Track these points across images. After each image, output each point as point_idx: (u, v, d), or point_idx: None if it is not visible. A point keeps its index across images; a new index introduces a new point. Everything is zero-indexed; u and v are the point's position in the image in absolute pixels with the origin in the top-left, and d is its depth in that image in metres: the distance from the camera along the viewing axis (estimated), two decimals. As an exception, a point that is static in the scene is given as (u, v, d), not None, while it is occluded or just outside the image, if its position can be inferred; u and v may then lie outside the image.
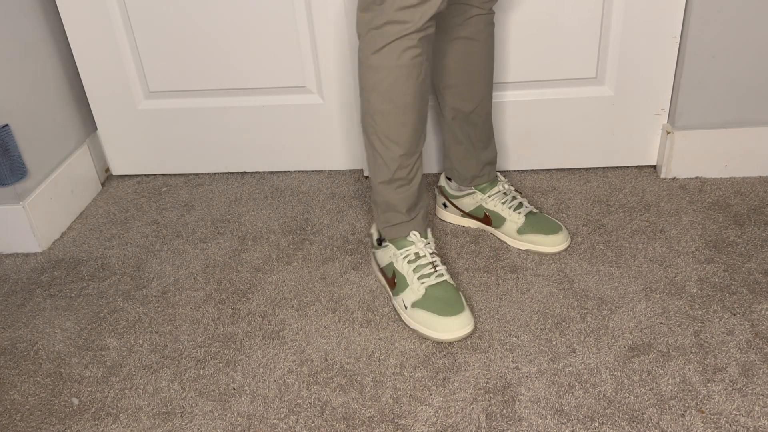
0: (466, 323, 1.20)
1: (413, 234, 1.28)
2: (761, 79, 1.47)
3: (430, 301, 1.22)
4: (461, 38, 1.27)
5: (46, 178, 1.58)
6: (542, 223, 1.40)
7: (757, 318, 1.21)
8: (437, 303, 1.21)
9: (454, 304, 1.21)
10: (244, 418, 1.12)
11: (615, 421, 1.06)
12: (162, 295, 1.39)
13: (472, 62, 1.30)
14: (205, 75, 1.65)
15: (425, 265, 1.26)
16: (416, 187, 1.26)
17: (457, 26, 1.26)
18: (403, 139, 1.20)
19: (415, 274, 1.25)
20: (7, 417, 1.16)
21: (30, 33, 1.56)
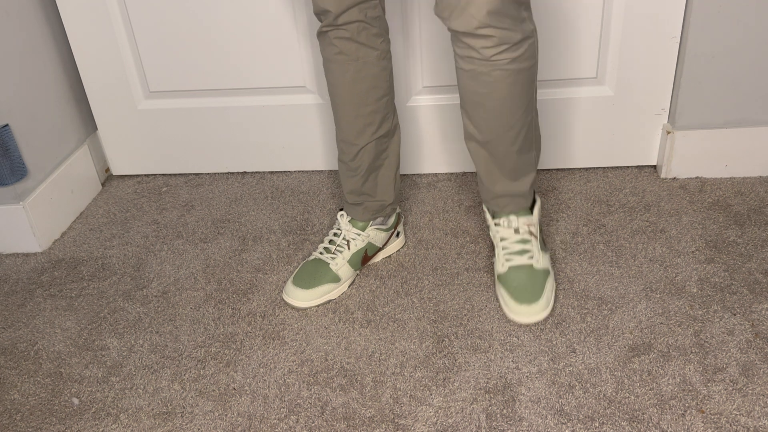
0: (310, 296, 1.31)
1: (340, 213, 1.38)
2: (761, 79, 1.47)
3: (298, 270, 1.36)
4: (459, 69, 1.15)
5: (46, 178, 1.58)
6: (522, 285, 1.24)
7: (758, 318, 1.21)
8: (300, 274, 1.34)
9: (307, 278, 1.32)
10: (244, 418, 1.12)
11: (615, 421, 1.06)
12: (162, 295, 1.39)
13: (481, 102, 1.16)
14: (205, 75, 1.65)
15: (324, 241, 1.38)
16: (360, 179, 1.32)
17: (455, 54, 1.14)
18: (341, 124, 1.28)
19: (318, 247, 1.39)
20: (7, 417, 1.16)
21: (30, 33, 1.56)
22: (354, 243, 1.35)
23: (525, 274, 1.25)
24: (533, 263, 1.26)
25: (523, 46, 1.07)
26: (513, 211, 1.28)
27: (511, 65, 1.08)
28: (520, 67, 1.09)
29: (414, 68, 1.56)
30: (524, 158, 1.22)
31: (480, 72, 1.09)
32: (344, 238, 1.35)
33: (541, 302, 1.23)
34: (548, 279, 1.27)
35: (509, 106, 1.13)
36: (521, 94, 1.12)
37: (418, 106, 1.60)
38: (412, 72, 1.57)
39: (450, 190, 1.62)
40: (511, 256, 1.27)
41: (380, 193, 1.35)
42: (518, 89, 1.11)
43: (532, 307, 1.23)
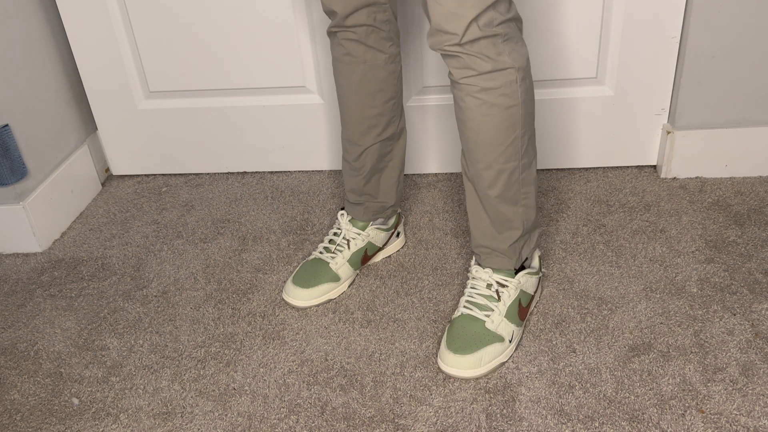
0: (310, 296, 1.32)
1: (341, 213, 1.38)
2: (761, 79, 1.47)
3: (297, 270, 1.36)
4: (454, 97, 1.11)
5: (46, 178, 1.58)
6: (461, 334, 1.16)
7: (758, 318, 1.21)
8: (299, 273, 1.34)
9: (306, 278, 1.33)
10: (244, 418, 1.12)
11: (615, 421, 1.06)
12: (162, 295, 1.39)
13: (462, 129, 1.12)
14: (205, 75, 1.65)
15: (325, 241, 1.39)
16: (363, 179, 1.31)
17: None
18: (346, 124, 1.28)
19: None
20: (7, 417, 1.16)
21: (30, 33, 1.56)
22: (354, 242, 1.35)
23: (471, 326, 1.16)
24: (486, 322, 1.16)
25: (496, 79, 1.03)
26: (492, 266, 1.19)
27: (483, 95, 1.04)
28: (495, 102, 1.04)
29: (414, 68, 1.56)
30: (506, 209, 1.14)
31: (456, 95, 1.07)
32: (344, 237, 1.35)
33: (469, 358, 1.13)
34: (495, 345, 1.15)
35: (484, 140, 1.08)
36: (498, 132, 1.06)
37: (418, 106, 1.60)
38: (413, 72, 1.57)
39: (450, 190, 1.62)
40: (470, 306, 1.19)
41: (382, 195, 1.35)
42: (494, 125, 1.06)
43: (457, 357, 1.13)
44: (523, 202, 1.15)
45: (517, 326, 1.19)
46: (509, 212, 1.14)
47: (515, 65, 1.03)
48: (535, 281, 1.23)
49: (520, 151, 1.09)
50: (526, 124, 1.08)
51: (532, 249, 1.22)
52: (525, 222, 1.17)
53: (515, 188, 1.13)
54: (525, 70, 1.05)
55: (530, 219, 1.18)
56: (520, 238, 1.18)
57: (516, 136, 1.08)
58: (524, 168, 1.12)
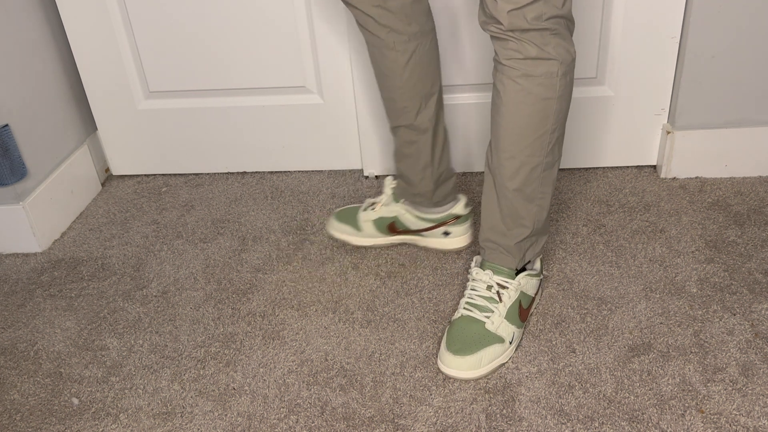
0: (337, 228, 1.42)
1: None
2: (761, 79, 1.47)
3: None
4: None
5: (46, 178, 1.58)
6: (461, 336, 1.17)
7: (757, 318, 1.21)
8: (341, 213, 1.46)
9: (347, 217, 1.45)
10: (244, 418, 1.12)
11: (615, 421, 1.06)
12: (162, 295, 1.39)
13: (494, 115, 1.13)
14: (205, 75, 1.65)
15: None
16: (394, 157, 1.36)
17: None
18: (386, 109, 1.30)
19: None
20: (7, 417, 1.16)
21: (30, 33, 1.56)
22: (383, 207, 1.42)
23: (471, 327, 1.17)
24: (486, 323, 1.17)
25: (539, 67, 1.04)
26: (495, 262, 1.19)
27: (523, 81, 1.05)
28: (532, 90, 1.05)
29: (414, 68, 1.56)
30: (521, 205, 1.14)
31: (497, 78, 1.09)
32: (379, 201, 1.42)
33: (469, 359, 1.13)
34: (495, 346, 1.15)
35: (513, 128, 1.08)
36: (530, 122, 1.07)
37: (418, 106, 1.60)
38: (412, 72, 1.57)
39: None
40: (470, 307, 1.19)
41: (410, 179, 1.36)
42: (527, 114, 1.07)
43: (457, 359, 1.13)
44: (538, 202, 1.15)
45: (518, 327, 1.19)
46: (523, 209, 1.15)
47: (559, 58, 1.04)
48: (536, 283, 1.23)
49: (547, 148, 1.10)
50: (558, 121, 1.09)
51: (537, 252, 1.22)
52: (536, 222, 1.17)
53: (534, 185, 1.13)
54: (568, 66, 1.06)
55: (541, 220, 1.18)
56: (527, 238, 1.18)
57: (546, 131, 1.09)
58: (547, 166, 1.12)
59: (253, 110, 1.68)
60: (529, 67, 1.04)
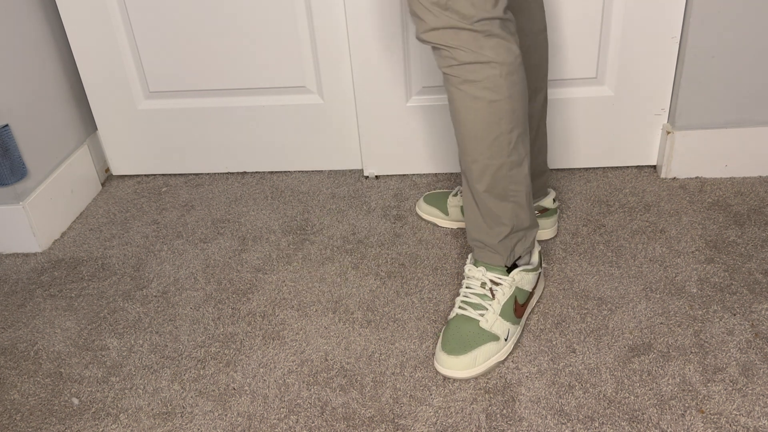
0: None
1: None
2: (761, 79, 1.47)
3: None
4: None
5: (46, 178, 1.58)
6: (456, 335, 1.17)
7: (757, 318, 1.21)
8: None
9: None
10: (244, 418, 1.12)
11: (615, 421, 1.06)
12: (162, 295, 1.39)
13: (452, 121, 1.19)
14: (205, 75, 1.65)
15: None
16: None
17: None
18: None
19: None
20: (7, 417, 1.16)
21: (30, 33, 1.56)
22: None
23: (466, 326, 1.17)
24: (480, 321, 1.16)
25: (478, 72, 1.03)
26: (484, 261, 1.19)
27: (466, 87, 1.04)
28: (477, 95, 1.04)
29: (414, 68, 1.56)
30: (494, 205, 1.13)
31: (445, 87, 1.08)
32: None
33: (464, 358, 1.13)
34: (490, 344, 1.15)
35: (469, 133, 1.08)
36: (483, 126, 1.06)
37: (418, 106, 1.60)
38: (413, 72, 1.57)
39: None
40: (465, 306, 1.19)
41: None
42: (479, 119, 1.06)
43: (451, 358, 1.14)
44: (512, 199, 1.14)
45: (513, 324, 1.19)
46: (497, 208, 1.14)
47: (498, 60, 1.02)
48: (533, 278, 1.22)
49: (508, 148, 1.08)
50: (514, 120, 1.07)
51: (527, 247, 1.21)
52: (515, 219, 1.15)
53: (503, 184, 1.12)
54: (512, 65, 1.04)
55: (521, 217, 1.16)
56: (510, 235, 1.17)
57: (502, 132, 1.07)
58: (513, 165, 1.11)
59: (253, 110, 1.68)
60: (468, 73, 1.03)
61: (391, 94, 1.58)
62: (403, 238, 1.48)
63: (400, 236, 1.49)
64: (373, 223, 1.54)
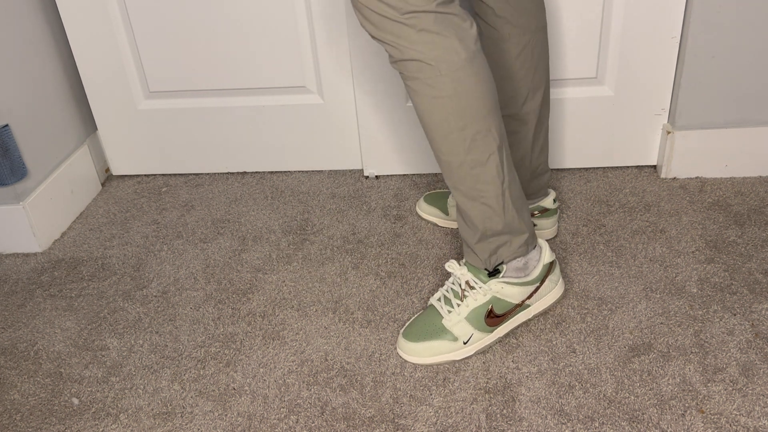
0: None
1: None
2: (761, 79, 1.47)
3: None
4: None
5: (46, 178, 1.58)
6: (417, 322, 1.20)
7: (758, 318, 1.21)
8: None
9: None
10: (244, 418, 1.12)
11: (615, 421, 1.06)
12: (162, 295, 1.39)
13: None
14: (205, 75, 1.65)
15: None
16: None
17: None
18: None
19: None
20: (7, 417, 1.16)
21: (30, 33, 1.56)
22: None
23: (430, 319, 1.19)
24: (444, 318, 1.18)
25: (411, 69, 1.01)
26: (468, 260, 1.18)
27: (410, 83, 1.03)
28: (419, 90, 1.03)
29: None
30: (464, 203, 1.11)
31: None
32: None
33: (413, 345, 1.17)
34: (444, 342, 1.16)
35: (425, 127, 1.07)
36: (432, 121, 1.05)
37: (418, 106, 1.60)
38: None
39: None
40: (440, 299, 1.20)
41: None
42: (426, 113, 1.05)
43: (404, 341, 1.18)
44: (481, 200, 1.10)
45: (481, 331, 1.17)
46: (467, 208, 1.12)
47: (431, 57, 0.99)
48: (519, 291, 1.18)
49: (462, 145, 1.05)
50: (464, 118, 1.03)
51: (513, 252, 1.16)
52: (486, 222, 1.11)
53: (468, 183, 1.09)
54: (453, 63, 1.00)
55: (493, 220, 1.11)
56: (486, 238, 1.13)
57: (452, 129, 1.04)
58: (474, 164, 1.07)
59: (253, 110, 1.68)
60: (409, 69, 1.02)
61: (391, 94, 1.58)
62: (403, 238, 1.48)
63: (400, 236, 1.49)
64: (373, 223, 1.54)
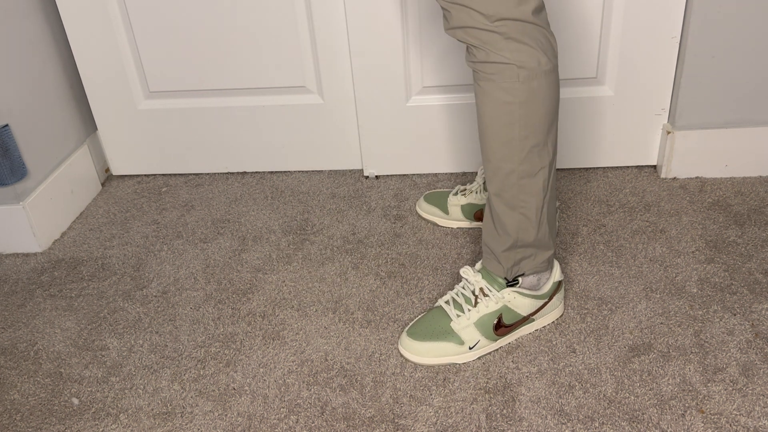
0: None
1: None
2: (761, 79, 1.47)
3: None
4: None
5: (46, 178, 1.58)
6: (423, 322, 1.21)
7: (758, 318, 1.21)
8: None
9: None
10: (244, 418, 1.12)
11: (615, 421, 1.06)
12: (162, 295, 1.39)
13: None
14: (205, 75, 1.65)
15: None
16: None
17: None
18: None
19: None
20: (7, 417, 1.16)
21: (30, 33, 1.56)
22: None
23: (438, 320, 1.19)
24: (453, 321, 1.18)
25: (495, 72, 1.02)
26: (487, 266, 1.18)
27: (485, 84, 1.04)
28: (493, 93, 1.04)
29: (414, 68, 1.56)
30: (502, 211, 1.12)
31: (473, 73, 1.09)
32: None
33: (416, 344, 1.18)
34: (450, 344, 1.17)
35: (484, 130, 1.08)
36: (495, 125, 1.06)
37: (418, 106, 1.60)
38: (413, 72, 1.57)
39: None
40: (449, 302, 1.21)
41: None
42: (492, 117, 1.06)
43: (408, 339, 1.19)
44: (521, 210, 1.11)
45: (488, 338, 1.17)
46: (505, 216, 1.12)
47: (516, 62, 1.01)
48: (529, 303, 1.18)
49: (519, 155, 1.07)
50: (528, 128, 1.05)
51: (536, 267, 1.17)
52: (519, 232, 1.12)
53: (512, 192, 1.10)
54: (533, 71, 1.02)
55: (528, 232, 1.13)
56: (514, 248, 1.14)
57: (513, 137, 1.06)
58: (524, 174, 1.08)
59: (253, 110, 1.68)
60: (489, 70, 1.03)
61: (391, 94, 1.58)
62: (403, 238, 1.48)
63: (400, 236, 1.49)
64: (373, 223, 1.54)
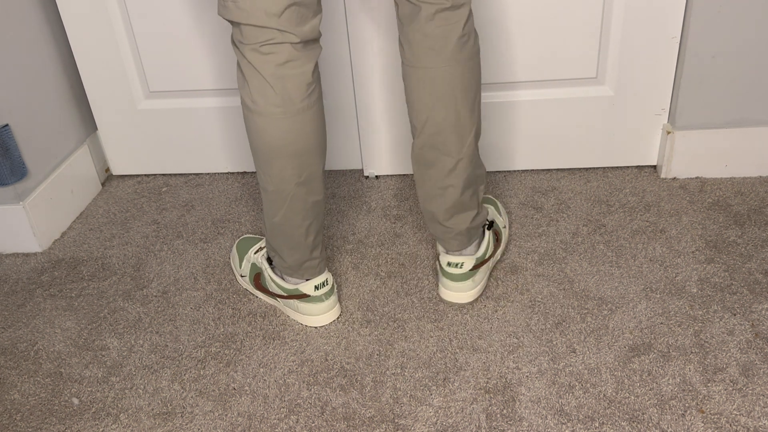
0: None
1: None
2: (761, 79, 1.47)
3: None
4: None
5: (46, 178, 1.58)
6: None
7: (758, 318, 1.21)
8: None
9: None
10: (244, 418, 1.12)
11: (615, 421, 1.06)
12: (162, 295, 1.39)
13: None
14: (205, 75, 1.65)
15: None
16: None
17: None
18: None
19: None
20: (7, 417, 1.16)
21: (30, 33, 1.56)
22: None
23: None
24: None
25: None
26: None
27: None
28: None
29: (414, 68, 1.56)
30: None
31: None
32: None
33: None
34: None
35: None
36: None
37: (418, 106, 1.60)
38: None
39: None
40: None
41: None
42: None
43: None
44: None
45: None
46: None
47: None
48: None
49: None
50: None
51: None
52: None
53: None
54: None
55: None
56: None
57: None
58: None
59: (253, 110, 1.68)
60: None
61: (391, 94, 1.58)
62: (403, 238, 1.48)
63: (400, 236, 1.49)
64: (373, 223, 1.54)
